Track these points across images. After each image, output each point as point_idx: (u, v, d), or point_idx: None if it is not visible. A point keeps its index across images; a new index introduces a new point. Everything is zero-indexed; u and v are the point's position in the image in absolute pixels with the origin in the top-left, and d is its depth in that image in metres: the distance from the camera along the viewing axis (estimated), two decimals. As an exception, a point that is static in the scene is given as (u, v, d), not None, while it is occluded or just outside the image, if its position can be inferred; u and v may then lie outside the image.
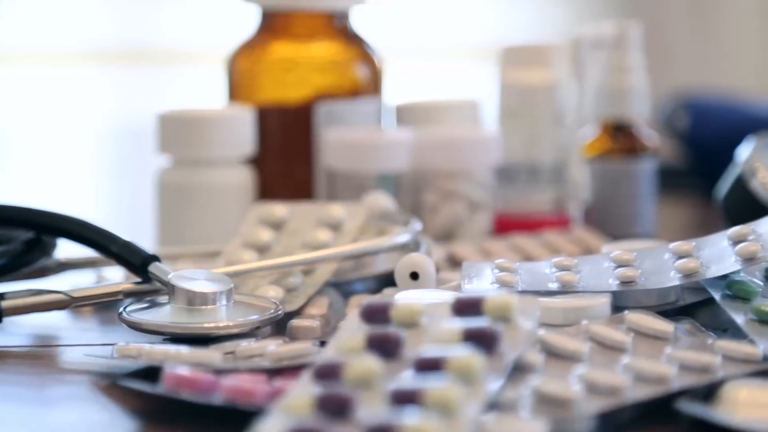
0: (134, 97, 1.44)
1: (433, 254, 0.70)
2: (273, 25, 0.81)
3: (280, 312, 0.58)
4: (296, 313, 0.61)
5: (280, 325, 0.60)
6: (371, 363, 0.46)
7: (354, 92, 0.81)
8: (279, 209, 0.69)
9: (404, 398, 0.44)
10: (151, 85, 1.47)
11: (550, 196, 0.83)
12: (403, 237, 0.65)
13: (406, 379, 0.46)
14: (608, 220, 0.82)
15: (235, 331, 0.56)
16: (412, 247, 0.65)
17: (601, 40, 0.83)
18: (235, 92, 0.81)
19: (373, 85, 0.82)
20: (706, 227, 0.67)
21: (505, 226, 0.81)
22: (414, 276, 0.62)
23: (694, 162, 1.12)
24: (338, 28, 0.81)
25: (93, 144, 1.33)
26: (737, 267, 0.55)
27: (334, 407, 0.43)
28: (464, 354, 0.46)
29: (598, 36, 0.83)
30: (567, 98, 0.83)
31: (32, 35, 1.55)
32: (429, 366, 0.46)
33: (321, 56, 0.81)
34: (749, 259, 0.55)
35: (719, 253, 0.57)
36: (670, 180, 1.12)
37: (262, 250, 0.67)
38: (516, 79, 0.83)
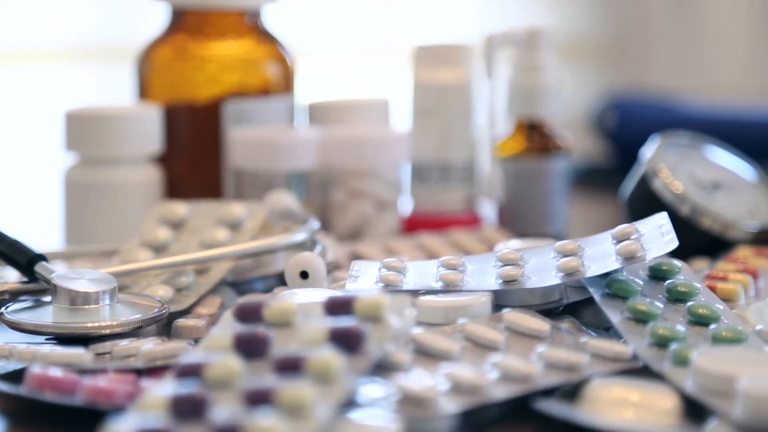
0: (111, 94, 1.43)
1: (334, 253, 0.70)
2: (183, 22, 0.80)
3: (164, 311, 0.58)
4: (186, 313, 0.61)
5: (169, 325, 0.60)
6: (232, 363, 0.46)
7: (265, 90, 0.80)
8: (179, 208, 0.69)
9: (257, 398, 0.44)
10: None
11: (461, 195, 0.83)
12: (298, 236, 0.65)
13: (266, 379, 0.46)
14: (521, 218, 0.83)
15: (117, 330, 0.56)
16: (308, 245, 0.65)
17: (514, 40, 0.83)
18: (144, 90, 0.81)
19: (284, 84, 0.81)
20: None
21: (416, 224, 0.81)
22: (304, 275, 0.62)
23: (621, 161, 1.13)
24: (249, 26, 0.81)
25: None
26: (617, 266, 0.55)
27: (187, 407, 0.43)
28: (323, 354, 0.46)
29: (510, 36, 0.83)
30: (479, 97, 0.83)
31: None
32: (289, 366, 0.46)
33: (231, 54, 0.81)
34: (629, 258, 0.56)
35: (602, 252, 0.57)
36: (597, 179, 1.13)
37: (159, 249, 0.67)
38: (428, 78, 0.83)
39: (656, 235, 0.57)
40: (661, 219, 0.58)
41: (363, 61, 1.54)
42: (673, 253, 0.71)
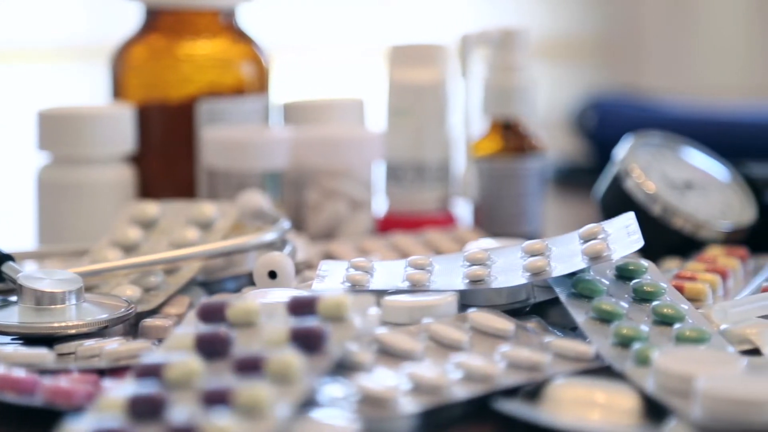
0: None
1: (306, 252, 0.70)
2: (157, 22, 0.80)
3: (131, 311, 0.58)
4: (154, 312, 0.61)
5: (136, 325, 0.59)
6: (192, 363, 0.46)
7: (239, 90, 0.80)
8: (150, 208, 0.68)
9: (215, 398, 0.43)
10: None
11: (436, 195, 0.83)
12: (268, 236, 0.65)
13: (225, 379, 0.46)
14: (496, 218, 0.83)
15: (83, 330, 0.56)
16: (278, 245, 0.65)
17: (489, 40, 0.82)
18: (119, 90, 0.81)
19: (259, 83, 0.81)
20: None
21: (391, 224, 0.81)
22: (272, 275, 0.62)
23: (601, 161, 1.12)
24: (224, 25, 0.81)
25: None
26: (583, 265, 0.55)
27: (145, 408, 0.43)
28: (283, 354, 0.46)
29: (484, 36, 0.82)
30: (454, 97, 0.83)
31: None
32: (248, 366, 0.46)
33: (205, 54, 0.80)
34: (595, 258, 0.55)
35: (569, 252, 0.57)
36: (577, 179, 1.13)
37: (129, 249, 0.67)
38: (403, 78, 0.82)
39: (622, 235, 0.57)
40: (628, 219, 0.58)
41: (338, 60, 1.54)
42: (646, 253, 0.71)
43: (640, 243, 0.55)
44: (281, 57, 0.85)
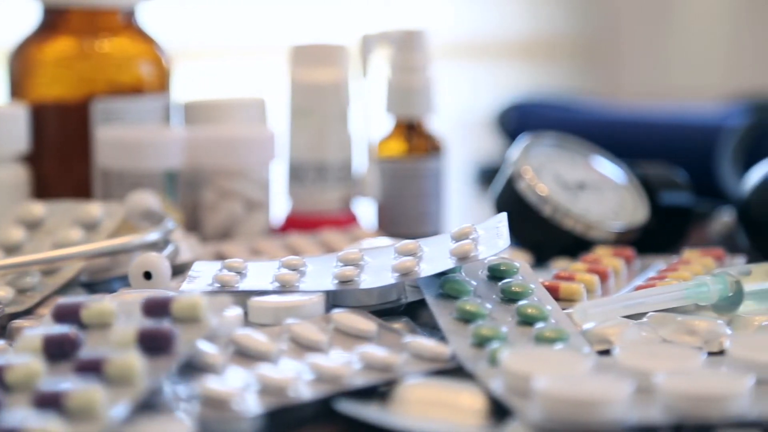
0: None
1: (194, 253, 0.69)
2: (54, 21, 0.80)
3: (-1, 312, 0.57)
4: (28, 313, 0.60)
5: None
6: (32, 365, 0.45)
7: (138, 89, 0.80)
8: (36, 208, 0.68)
9: (47, 401, 0.43)
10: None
11: (338, 195, 0.82)
12: (150, 236, 0.64)
13: (68, 381, 0.45)
14: (399, 218, 0.82)
15: (-52, 331, 0.55)
16: (160, 245, 0.65)
17: (390, 40, 0.82)
18: (16, 89, 0.80)
19: (158, 83, 0.81)
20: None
21: (293, 224, 0.81)
22: (147, 275, 0.61)
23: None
24: (123, 24, 0.80)
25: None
26: (450, 265, 0.55)
27: (-25, 409, 0.43)
28: (124, 355, 0.45)
29: (385, 36, 0.82)
30: (356, 97, 0.83)
31: None
32: (88, 368, 0.45)
33: (103, 53, 0.80)
34: (462, 258, 0.55)
35: (440, 253, 0.57)
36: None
37: (11, 249, 0.66)
38: (304, 78, 0.82)
39: (492, 236, 0.57)
40: (499, 219, 0.58)
41: (240, 60, 1.53)
42: (537, 254, 0.71)
43: (506, 244, 0.55)
44: (183, 57, 0.85)
